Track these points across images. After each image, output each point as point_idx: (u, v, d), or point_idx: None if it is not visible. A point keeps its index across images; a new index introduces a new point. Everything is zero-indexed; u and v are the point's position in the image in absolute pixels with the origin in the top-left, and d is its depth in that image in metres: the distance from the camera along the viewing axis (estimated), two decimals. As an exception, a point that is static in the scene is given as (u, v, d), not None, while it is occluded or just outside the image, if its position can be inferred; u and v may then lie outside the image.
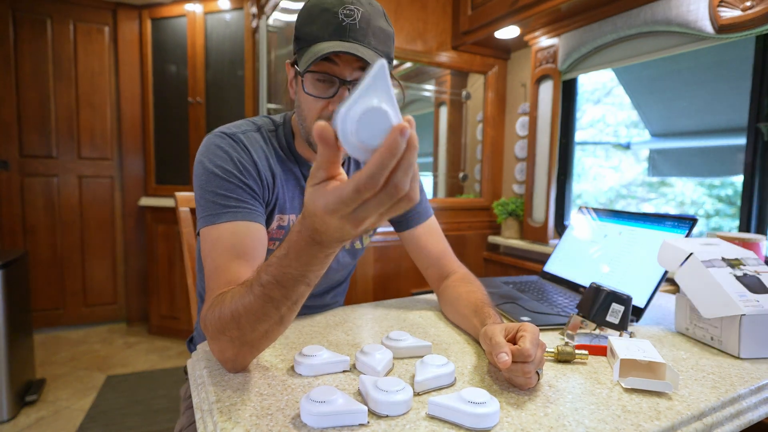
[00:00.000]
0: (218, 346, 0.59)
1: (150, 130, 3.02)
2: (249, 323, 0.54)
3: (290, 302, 0.52)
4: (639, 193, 2.22)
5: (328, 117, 0.74)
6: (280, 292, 0.51)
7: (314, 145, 0.77)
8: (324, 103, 0.74)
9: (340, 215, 0.40)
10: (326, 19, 0.70)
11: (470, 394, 0.50)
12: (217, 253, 0.68)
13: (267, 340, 0.57)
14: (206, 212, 0.72)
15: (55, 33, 2.86)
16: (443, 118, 2.93)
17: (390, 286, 2.27)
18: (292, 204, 0.84)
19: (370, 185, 0.37)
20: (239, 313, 0.54)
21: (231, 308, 0.55)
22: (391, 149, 0.36)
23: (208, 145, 0.76)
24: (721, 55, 1.77)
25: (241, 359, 0.60)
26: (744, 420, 0.57)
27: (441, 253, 0.96)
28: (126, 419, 1.95)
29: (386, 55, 0.74)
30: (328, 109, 0.74)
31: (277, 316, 0.53)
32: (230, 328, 0.55)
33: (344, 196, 0.39)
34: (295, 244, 0.48)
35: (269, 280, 0.51)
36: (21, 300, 2.04)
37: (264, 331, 0.55)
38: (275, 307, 0.52)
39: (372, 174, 0.37)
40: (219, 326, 0.57)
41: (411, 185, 0.39)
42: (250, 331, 0.55)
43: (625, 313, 0.73)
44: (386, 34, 0.74)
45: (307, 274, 0.50)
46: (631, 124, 2.25)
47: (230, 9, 2.74)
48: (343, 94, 0.73)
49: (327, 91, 0.73)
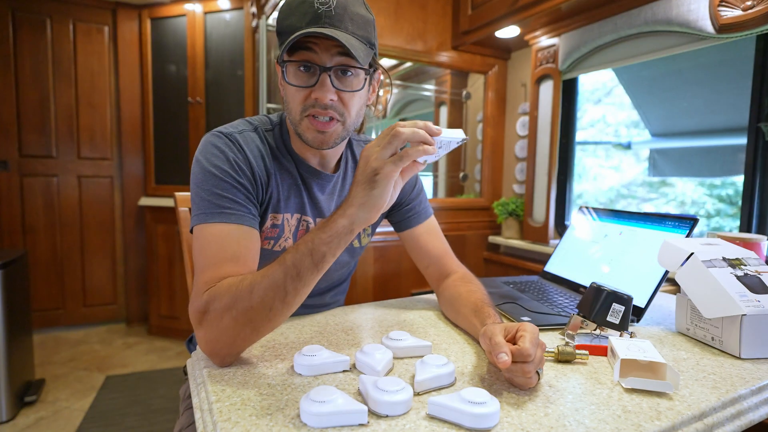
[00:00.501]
0: (216, 331, 0.61)
1: (150, 130, 3.02)
2: (268, 295, 0.60)
3: (303, 282, 0.61)
4: (639, 193, 2.22)
5: (312, 105, 0.74)
6: (309, 260, 0.60)
7: (303, 136, 0.78)
8: (306, 92, 0.74)
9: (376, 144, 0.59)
10: (303, 10, 0.71)
11: (470, 394, 0.50)
12: (209, 251, 0.69)
13: (269, 321, 0.62)
14: (200, 210, 0.72)
15: (54, 33, 2.86)
16: (443, 118, 2.93)
17: (390, 286, 2.27)
18: (287, 203, 0.84)
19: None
20: (257, 282, 0.61)
21: (251, 282, 0.62)
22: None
23: (205, 144, 0.77)
24: (721, 54, 1.76)
25: (238, 344, 0.62)
26: (745, 420, 0.57)
27: (441, 253, 0.96)
28: (125, 419, 1.94)
29: (365, 39, 0.74)
30: (311, 98, 0.74)
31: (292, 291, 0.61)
32: (242, 299, 0.61)
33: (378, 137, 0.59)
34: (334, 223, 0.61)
35: (304, 250, 0.60)
36: (20, 300, 2.04)
37: (270, 306, 0.60)
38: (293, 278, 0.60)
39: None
40: (230, 302, 0.61)
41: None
42: (259, 302, 0.60)
43: (626, 313, 0.73)
44: (365, 20, 0.74)
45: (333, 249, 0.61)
46: (632, 124, 2.25)
47: (230, 9, 2.74)
48: (325, 79, 0.73)
49: (309, 80, 0.74)
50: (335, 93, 0.74)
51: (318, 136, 0.77)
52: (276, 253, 0.84)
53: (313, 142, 0.78)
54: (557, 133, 2.23)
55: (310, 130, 0.76)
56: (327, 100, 0.73)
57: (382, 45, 2.25)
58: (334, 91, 0.74)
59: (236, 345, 0.62)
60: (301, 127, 0.77)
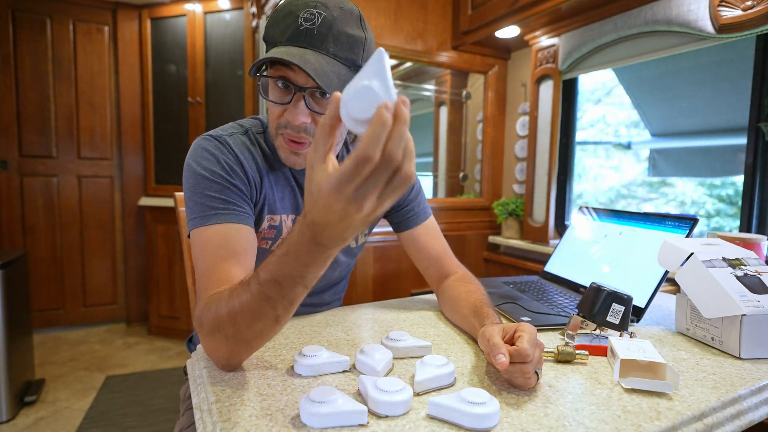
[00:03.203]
0: (213, 345, 0.59)
1: (150, 130, 3.02)
2: (245, 321, 0.54)
3: (286, 302, 0.52)
4: (639, 193, 2.22)
5: (285, 125, 0.73)
6: (278, 291, 0.51)
7: (278, 153, 0.77)
8: (282, 109, 0.73)
9: (344, 197, 0.42)
10: (287, 23, 0.69)
11: (470, 394, 0.50)
12: (207, 254, 0.69)
13: (262, 338, 0.58)
14: (195, 214, 0.72)
15: (54, 33, 2.86)
16: (443, 118, 2.93)
17: (390, 286, 2.27)
18: (282, 204, 0.84)
19: (367, 157, 0.40)
20: (236, 310, 0.54)
21: (228, 306, 0.55)
22: (379, 121, 0.39)
23: (195, 148, 0.77)
24: (721, 54, 1.76)
25: (236, 357, 0.60)
26: (744, 420, 0.57)
27: (440, 254, 0.96)
28: (125, 419, 1.94)
29: (349, 61, 0.71)
30: (284, 117, 0.73)
31: (273, 315, 0.53)
32: (226, 326, 0.56)
33: (345, 171, 0.41)
34: (295, 244, 0.49)
35: (267, 278, 0.51)
36: (20, 300, 2.04)
37: (259, 329, 0.55)
38: (271, 306, 0.52)
39: (367, 144, 0.40)
40: (215, 324, 0.57)
41: (405, 160, 0.41)
42: (246, 329, 0.55)
43: (626, 314, 0.73)
44: (353, 40, 0.71)
45: (305, 275, 0.50)
46: (632, 124, 2.25)
47: (230, 9, 2.74)
48: (298, 101, 0.71)
49: (284, 97, 0.73)
50: (309, 115, 0.72)
51: (290, 157, 0.76)
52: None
53: (286, 161, 0.77)
54: (557, 133, 2.23)
55: (283, 148, 0.76)
56: (298, 122, 0.71)
57: (382, 45, 2.25)
58: (308, 113, 0.72)
59: (234, 358, 0.60)
60: (276, 143, 0.76)
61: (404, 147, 0.41)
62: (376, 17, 2.21)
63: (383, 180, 0.41)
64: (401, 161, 0.41)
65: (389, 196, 0.43)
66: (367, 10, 2.19)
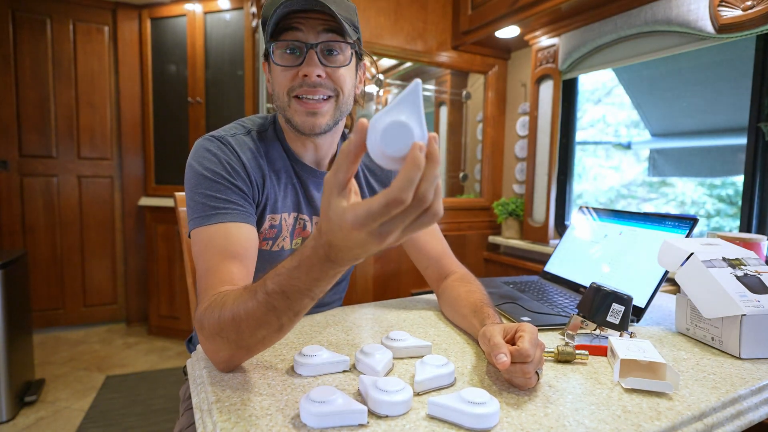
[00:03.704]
0: (213, 347, 0.59)
1: (150, 130, 3.02)
2: (249, 328, 0.54)
3: (292, 313, 0.52)
4: (639, 193, 2.22)
5: (300, 85, 0.74)
6: (284, 303, 0.51)
7: (293, 121, 0.77)
8: (293, 72, 0.74)
9: (367, 230, 0.40)
10: None
11: (470, 394, 0.50)
12: (209, 254, 0.69)
13: (263, 345, 0.57)
14: (196, 214, 0.72)
15: (54, 33, 2.86)
16: (443, 118, 2.93)
17: (390, 286, 2.27)
18: (284, 203, 0.84)
19: (400, 199, 0.38)
20: (240, 317, 0.54)
21: (232, 311, 0.55)
22: (414, 164, 0.38)
23: (197, 149, 0.77)
24: (721, 54, 1.76)
25: (235, 361, 0.60)
26: (745, 420, 0.57)
27: (440, 253, 0.96)
28: (125, 419, 1.94)
29: (349, 21, 0.74)
30: (299, 77, 0.74)
31: (277, 325, 0.53)
32: (229, 331, 0.55)
33: (373, 209, 0.39)
34: (307, 259, 0.48)
35: (275, 289, 0.51)
36: (20, 300, 2.04)
37: (262, 337, 0.55)
38: (277, 316, 0.52)
39: (402, 188, 0.38)
40: (217, 328, 0.57)
41: (435, 199, 0.40)
42: (249, 336, 0.55)
43: (626, 314, 0.73)
44: (347, 6, 0.75)
45: (313, 289, 0.50)
46: (632, 124, 2.25)
47: (230, 9, 2.74)
48: (312, 55, 0.72)
49: (295, 60, 0.74)
50: (323, 69, 0.74)
51: (308, 120, 0.76)
52: (274, 254, 0.84)
53: (303, 126, 0.76)
54: (557, 133, 2.23)
55: (299, 113, 0.75)
56: (314, 77, 0.73)
57: (382, 45, 2.25)
58: (323, 68, 0.74)
59: (233, 360, 0.60)
60: (289, 111, 0.76)
61: (435, 186, 0.40)
62: (376, 17, 2.21)
63: (411, 218, 0.41)
64: (432, 200, 0.40)
65: (414, 230, 0.42)
66: (367, 10, 2.19)
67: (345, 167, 0.42)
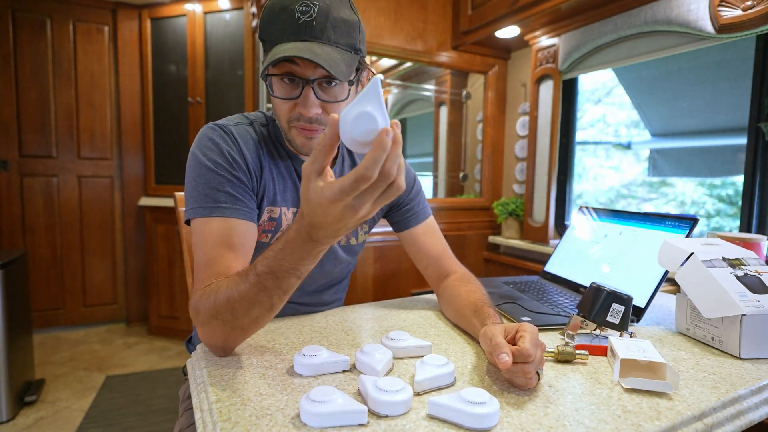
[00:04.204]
0: (209, 331, 0.63)
1: (150, 130, 3.02)
2: (242, 308, 0.60)
3: (281, 291, 0.58)
4: (639, 193, 2.22)
5: (297, 118, 0.75)
6: (274, 282, 0.57)
7: (294, 143, 0.79)
8: (291, 104, 0.75)
9: (343, 204, 0.48)
10: (284, 19, 0.70)
11: (470, 394, 0.50)
12: (208, 245, 0.71)
13: (256, 325, 0.63)
14: (198, 204, 0.74)
15: (54, 33, 2.86)
16: (443, 118, 2.93)
17: (390, 286, 2.27)
18: (283, 197, 0.85)
19: (367, 176, 0.45)
20: (234, 299, 0.60)
21: (226, 294, 0.60)
22: (380, 146, 0.45)
23: (201, 137, 0.79)
24: (721, 54, 1.76)
25: (230, 343, 0.65)
26: (744, 420, 0.57)
27: (440, 253, 0.96)
28: (125, 419, 1.94)
29: (350, 47, 0.73)
30: (296, 111, 0.74)
31: (268, 303, 0.59)
32: (224, 312, 0.61)
33: (346, 185, 0.46)
34: (292, 240, 0.55)
35: (264, 270, 0.57)
36: (20, 300, 2.04)
37: (255, 316, 0.61)
38: (268, 295, 0.58)
39: (367, 166, 0.45)
40: (213, 311, 0.61)
41: (398, 175, 0.48)
42: (243, 315, 0.60)
43: (626, 313, 0.73)
44: (349, 24, 0.72)
45: (299, 268, 0.57)
46: (632, 124, 2.25)
47: (230, 9, 2.74)
48: (308, 94, 0.73)
49: (292, 92, 0.74)
50: (319, 105, 0.74)
51: (308, 143, 0.77)
52: None
53: (302, 148, 0.78)
54: (557, 133, 2.23)
55: (299, 136, 0.77)
56: (311, 114, 0.73)
57: (382, 45, 2.25)
58: (318, 104, 0.74)
59: (229, 343, 0.65)
60: (290, 135, 0.78)
61: (398, 164, 0.47)
62: (376, 17, 2.22)
63: (378, 192, 0.48)
64: (395, 176, 0.47)
65: (381, 202, 0.50)
66: (367, 10, 2.19)
67: (321, 156, 0.48)
